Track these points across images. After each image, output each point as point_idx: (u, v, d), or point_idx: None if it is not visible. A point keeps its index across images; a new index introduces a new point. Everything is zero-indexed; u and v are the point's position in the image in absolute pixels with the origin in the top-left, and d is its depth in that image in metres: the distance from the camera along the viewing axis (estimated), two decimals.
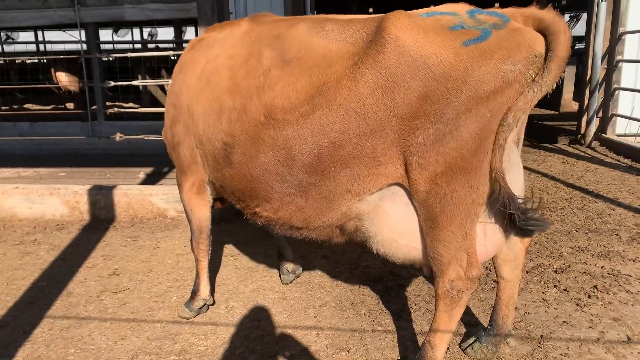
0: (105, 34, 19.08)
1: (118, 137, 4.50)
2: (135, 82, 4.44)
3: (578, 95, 7.81)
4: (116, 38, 15.28)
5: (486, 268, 3.28)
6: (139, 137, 4.57)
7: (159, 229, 4.18)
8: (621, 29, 6.62)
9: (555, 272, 3.19)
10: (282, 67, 2.13)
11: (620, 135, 6.88)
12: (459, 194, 1.88)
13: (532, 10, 1.89)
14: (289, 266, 3.13)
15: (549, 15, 1.83)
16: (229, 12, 4.29)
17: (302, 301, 2.90)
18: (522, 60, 1.80)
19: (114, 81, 8.25)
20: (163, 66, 9.26)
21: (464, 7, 1.99)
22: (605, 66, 6.84)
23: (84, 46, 7.56)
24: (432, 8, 2.02)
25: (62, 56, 6.00)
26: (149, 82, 5.17)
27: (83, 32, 7.48)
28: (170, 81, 4.75)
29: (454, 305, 2.02)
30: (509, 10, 1.96)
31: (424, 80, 1.82)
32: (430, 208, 1.92)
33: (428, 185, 1.89)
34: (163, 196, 4.39)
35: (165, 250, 3.73)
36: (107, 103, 8.76)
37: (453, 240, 1.94)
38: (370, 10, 20.70)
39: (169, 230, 4.16)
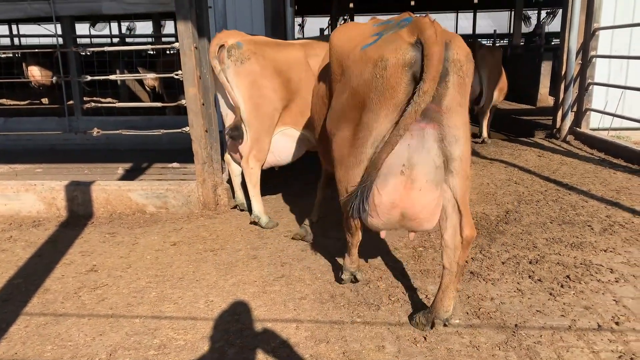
0: (82, 28, 18.75)
1: (95, 132, 4.43)
2: (112, 77, 4.37)
3: (554, 91, 7.96)
4: (93, 32, 15.01)
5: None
6: (117, 132, 4.51)
7: (138, 225, 4.15)
8: (595, 25, 6.75)
9: (530, 263, 3.26)
10: None
11: (594, 129, 7.04)
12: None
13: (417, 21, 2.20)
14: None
15: (422, 22, 2.14)
16: (207, 6, 4.25)
17: (281, 294, 2.92)
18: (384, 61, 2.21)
19: (91, 75, 8.13)
20: (141, 61, 9.14)
21: (401, 17, 2.38)
22: (580, 62, 6.97)
23: (60, 40, 7.41)
24: (379, 19, 2.62)
25: (36, 50, 5.85)
26: (127, 77, 5.09)
27: (59, 26, 7.33)
28: (147, 75, 4.66)
29: None
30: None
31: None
32: None
33: None
34: (142, 192, 4.35)
35: (144, 246, 3.71)
36: (85, 98, 8.62)
37: None
38: (351, 5, 20.72)
39: (147, 226, 4.13)
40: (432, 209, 2.35)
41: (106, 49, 4.48)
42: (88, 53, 4.68)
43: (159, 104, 4.42)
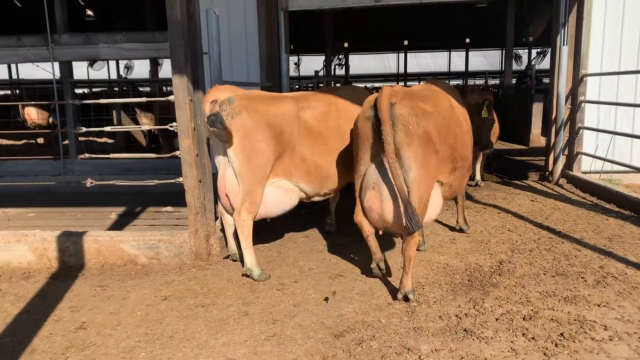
0: (80, 65, 18.98)
1: (89, 183, 4.45)
2: (107, 129, 4.43)
3: (546, 131, 8.08)
4: (91, 71, 15.25)
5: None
6: (110, 183, 4.52)
7: (129, 277, 4.12)
8: (583, 71, 6.93)
9: (524, 319, 3.24)
10: None
11: (586, 172, 7.12)
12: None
13: None
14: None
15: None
16: (202, 58, 4.35)
17: (272, 355, 2.88)
18: None
19: (89, 118, 8.19)
20: (138, 104, 9.25)
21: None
22: (569, 106, 7.12)
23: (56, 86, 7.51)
24: None
25: (32, 103, 5.93)
26: (122, 129, 5.15)
27: (57, 68, 7.45)
28: (142, 127, 4.70)
29: None
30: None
31: None
32: None
33: None
34: (133, 242, 4.34)
35: (134, 300, 3.67)
36: (80, 138, 8.70)
37: None
38: (345, 45, 21.17)
39: (139, 277, 4.10)
40: (396, 215, 3.47)
41: (102, 101, 4.55)
42: (85, 102, 4.74)
43: (153, 155, 4.46)
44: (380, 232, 3.75)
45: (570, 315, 3.27)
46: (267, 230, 5.12)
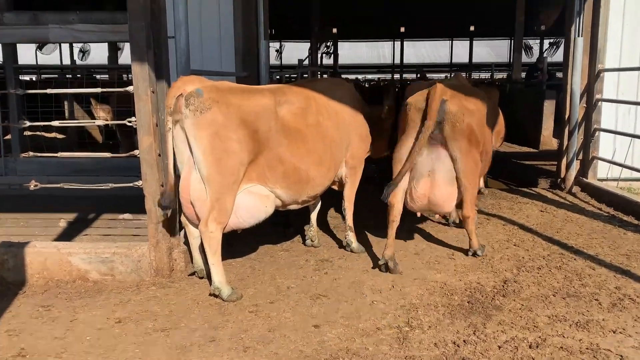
0: (27, 49, 18.71)
1: (32, 185, 4.37)
2: (55, 123, 4.36)
3: (558, 133, 8.17)
4: (40, 56, 15.04)
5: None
6: (58, 186, 4.45)
7: (78, 296, 4.05)
8: (599, 66, 7.02)
9: (530, 347, 3.26)
10: None
11: (602, 180, 7.21)
12: None
13: None
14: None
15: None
16: (166, 44, 4.30)
17: None
18: None
19: (35, 110, 8.04)
20: (93, 95, 9.16)
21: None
22: (584, 105, 7.21)
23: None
24: None
25: None
26: (73, 124, 5.09)
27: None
28: (96, 122, 4.64)
29: None
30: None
31: None
32: None
33: None
34: (84, 255, 4.28)
35: (84, 323, 3.61)
36: (26, 133, 8.57)
37: None
38: (334, 30, 21.23)
39: (90, 297, 4.03)
40: (448, 198, 4.50)
41: (49, 91, 4.47)
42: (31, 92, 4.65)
43: (108, 155, 4.40)
44: (419, 214, 4.78)
45: (582, 343, 3.29)
46: (239, 243, 5.08)
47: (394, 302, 3.91)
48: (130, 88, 4.23)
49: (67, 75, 10.77)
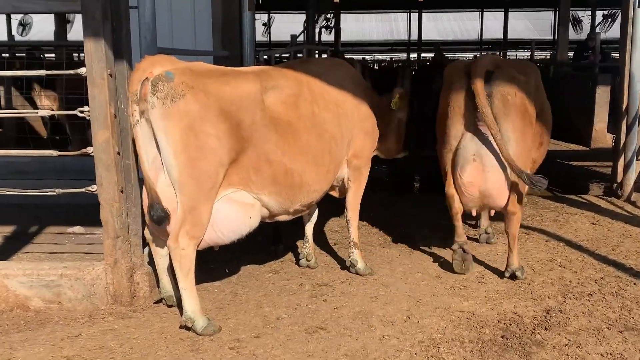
0: None
1: None
2: None
3: (614, 127, 8.18)
4: None
5: None
6: None
7: (16, 328, 4.07)
8: None
9: None
10: None
11: None
12: None
13: None
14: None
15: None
16: (127, 15, 4.32)
17: None
18: None
19: None
20: (36, 79, 9.18)
21: None
22: None
23: None
24: None
25: None
26: (10, 114, 5.10)
27: None
28: (40, 112, 4.66)
29: None
30: None
31: None
32: None
33: None
34: (24, 278, 4.29)
35: None
36: None
37: None
38: (336, 0, 21.30)
39: (31, 329, 4.05)
40: (502, 186, 4.66)
41: None
42: None
43: (55, 153, 4.41)
44: (474, 213, 5.00)
45: None
46: (217, 262, 5.09)
47: (410, 336, 3.92)
48: (82, 70, 4.24)
49: (4, 54, 10.78)
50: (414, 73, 12.11)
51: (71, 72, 4.34)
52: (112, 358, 3.67)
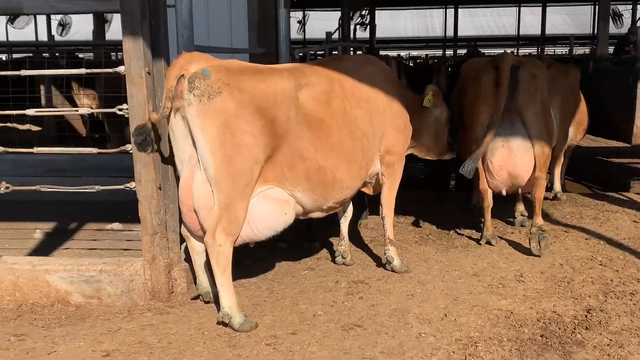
0: None
1: (3, 188, 4.48)
2: (30, 112, 4.46)
3: None
4: (12, 30, 15.40)
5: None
6: (33, 188, 4.54)
7: (58, 323, 4.13)
8: None
9: None
10: None
11: None
12: None
13: None
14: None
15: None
16: (165, 14, 4.36)
17: None
18: None
19: (6, 97, 8.22)
20: (75, 77, 9.33)
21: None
22: None
23: None
24: None
25: None
26: (51, 112, 5.19)
27: None
28: (80, 111, 4.72)
29: None
30: None
31: None
32: None
33: None
34: (64, 274, 4.36)
35: (65, 356, 3.68)
36: None
37: None
38: None
39: (71, 324, 4.11)
40: (528, 166, 5.32)
41: (24, 72, 4.58)
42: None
43: (94, 150, 4.48)
44: (504, 193, 5.55)
45: None
46: (253, 259, 5.11)
47: (447, 334, 3.90)
48: (120, 69, 4.29)
49: (44, 54, 11.00)
50: (449, 70, 11.99)
51: (110, 70, 4.40)
52: (150, 353, 3.71)
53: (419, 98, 5.23)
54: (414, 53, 26.20)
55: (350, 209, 5.20)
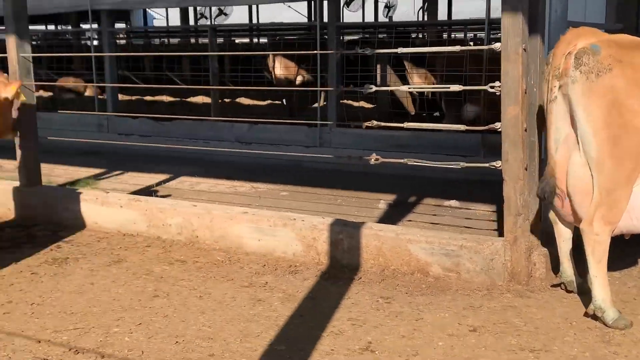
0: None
1: (373, 159, 4.75)
2: (404, 88, 4.66)
3: None
4: (347, 14, 16.44)
5: None
6: (401, 161, 4.71)
7: (419, 291, 4.29)
8: None
9: None
10: None
11: None
12: None
13: None
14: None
15: None
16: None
17: None
18: None
19: (354, 74, 8.80)
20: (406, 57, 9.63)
21: None
22: None
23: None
24: None
25: (281, 53, 6.61)
26: (421, 88, 5.35)
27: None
28: (450, 87, 4.81)
29: None
30: None
31: None
32: None
33: None
34: (426, 245, 4.51)
35: (431, 325, 3.80)
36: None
37: None
38: None
39: (432, 294, 4.24)
40: None
41: (380, 51, 4.78)
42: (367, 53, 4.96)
43: (462, 127, 4.52)
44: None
45: None
46: (617, 251, 4.73)
47: None
48: (496, 45, 4.25)
49: (380, 35, 11.61)
50: None
51: (486, 47, 4.40)
52: (518, 335, 3.65)
53: None
54: None
55: None
